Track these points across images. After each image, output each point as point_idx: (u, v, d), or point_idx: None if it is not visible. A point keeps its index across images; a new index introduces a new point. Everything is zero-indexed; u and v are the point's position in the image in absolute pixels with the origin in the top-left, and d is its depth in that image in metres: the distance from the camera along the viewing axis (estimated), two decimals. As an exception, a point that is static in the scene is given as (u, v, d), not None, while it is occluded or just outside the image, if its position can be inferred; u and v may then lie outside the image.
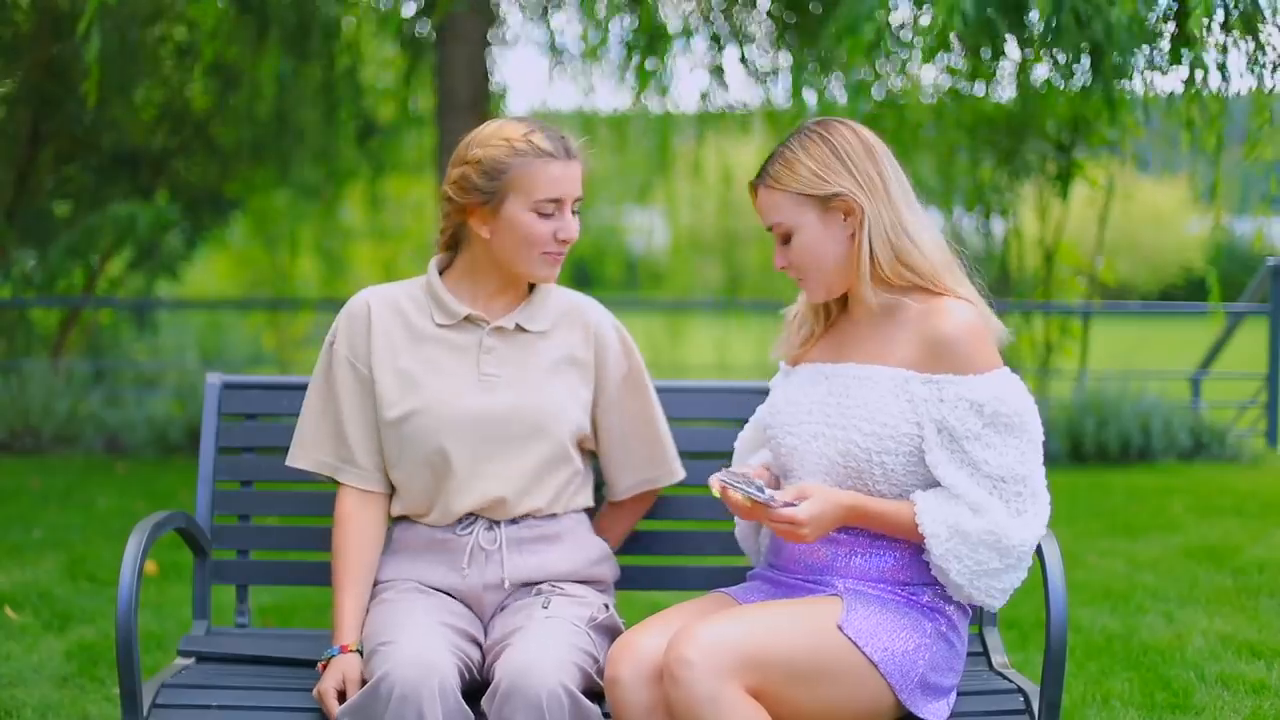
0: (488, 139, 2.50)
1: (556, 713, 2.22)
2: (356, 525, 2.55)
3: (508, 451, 2.51)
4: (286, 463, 2.63)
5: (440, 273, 2.61)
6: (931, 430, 2.31)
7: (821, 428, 2.37)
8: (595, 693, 2.36)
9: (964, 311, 2.35)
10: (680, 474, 2.73)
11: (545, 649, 2.30)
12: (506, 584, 2.52)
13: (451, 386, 2.52)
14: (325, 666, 2.44)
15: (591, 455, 2.70)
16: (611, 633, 2.50)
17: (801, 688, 2.21)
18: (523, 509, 2.53)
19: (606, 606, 2.52)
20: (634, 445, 2.67)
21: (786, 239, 2.41)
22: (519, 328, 2.57)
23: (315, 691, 2.39)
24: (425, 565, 2.54)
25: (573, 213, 2.52)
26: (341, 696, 2.37)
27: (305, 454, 2.60)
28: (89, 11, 5.27)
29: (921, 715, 2.30)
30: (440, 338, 2.56)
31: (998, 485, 2.29)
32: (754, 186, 2.45)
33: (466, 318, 2.56)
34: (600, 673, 2.39)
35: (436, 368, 2.54)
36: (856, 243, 2.38)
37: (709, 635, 2.17)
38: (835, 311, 2.51)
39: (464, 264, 2.59)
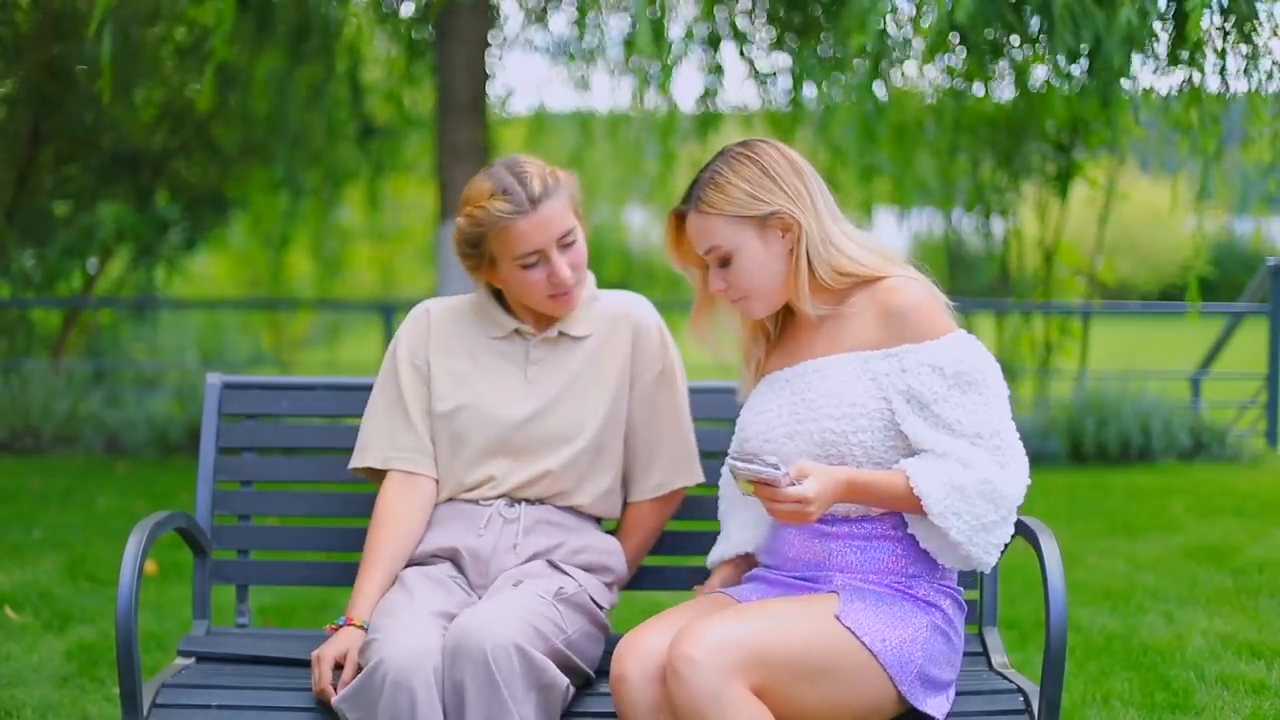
0: (464, 203, 2.60)
1: (505, 667, 2.22)
2: (393, 513, 2.60)
3: (548, 451, 2.60)
4: (350, 466, 2.68)
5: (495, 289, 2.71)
6: (900, 401, 2.33)
7: (794, 426, 2.38)
8: (568, 666, 2.36)
9: (912, 284, 2.38)
10: (699, 477, 2.74)
11: (494, 611, 2.32)
12: (518, 547, 2.55)
13: (498, 392, 2.62)
14: (333, 631, 2.48)
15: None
16: (582, 610, 2.50)
17: (805, 684, 2.21)
18: (552, 489, 2.60)
19: (580, 585, 2.53)
20: (658, 444, 2.70)
21: (725, 262, 2.41)
22: (563, 334, 2.65)
23: (315, 654, 2.42)
24: (442, 531, 2.60)
25: (563, 247, 2.56)
26: (338, 668, 2.41)
27: (369, 453, 2.66)
28: (99, 11, 5.27)
29: (922, 709, 2.30)
30: (492, 348, 2.67)
31: (975, 441, 2.31)
32: (679, 214, 2.45)
33: (515, 330, 2.66)
34: (569, 644, 2.40)
35: (487, 373, 2.64)
36: (795, 257, 2.40)
37: (713, 633, 2.17)
38: (774, 327, 2.54)
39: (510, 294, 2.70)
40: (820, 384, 2.38)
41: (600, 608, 2.56)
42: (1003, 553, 2.36)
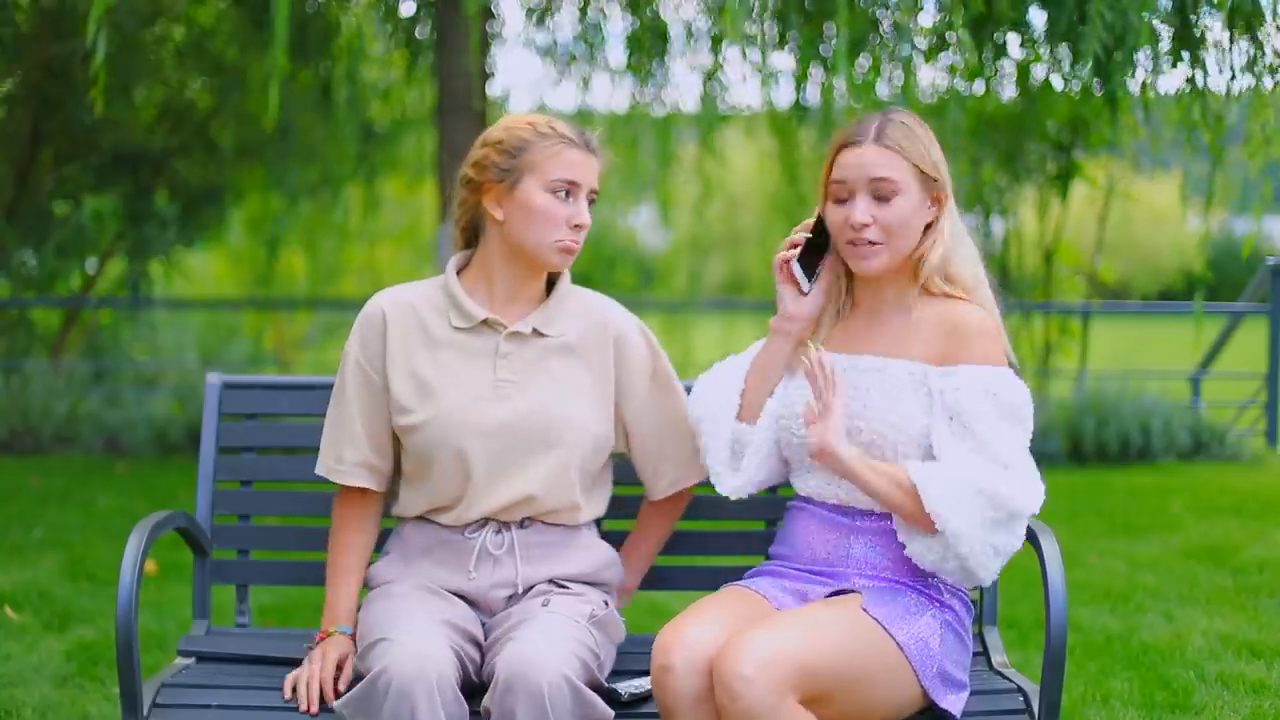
0: (511, 123, 2.53)
1: (559, 702, 2.22)
2: (351, 528, 2.60)
3: (524, 459, 2.51)
4: (315, 471, 2.63)
5: (458, 272, 2.60)
6: (941, 420, 2.36)
7: (848, 421, 2.40)
8: (596, 687, 2.35)
9: (985, 315, 2.44)
10: (705, 473, 2.67)
11: (547, 641, 2.30)
12: (520, 587, 2.52)
13: (467, 394, 2.51)
14: (321, 652, 2.47)
15: (613, 459, 2.67)
16: (611, 629, 2.50)
17: (844, 689, 2.24)
18: (538, 510, 2.53)
19: (606, 603, 2.52)
20: (667, 444, 2.64)
21: (887, 198, 2.40)
22: (536, 332, 2.55)
23: (300, 678, 2.42)
24: (432, 565, 2.54)
25: (589, 201, 2.53)
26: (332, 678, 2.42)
27: (320, 460, 2.62)
28: (95, 14, 5.20)
29: (942, 704, 2.32)
30: (457, 342, 2.54)
31: (995, 461, 2.34)
32: (853, 142, 2.43)
33: (484, 321, 2.54)
34: (601, 668, 2.39)
35: (452, 374, 2.53)
36: (935, 231, 2.44)
37: (763, 649, 2.18)
38: (845, 306, 2.55)
39: (481, 261, 2.57)
40: (879, 385, 2.41)
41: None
42: (1001, 566, 2.36)
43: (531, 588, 2.53)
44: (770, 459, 2.53)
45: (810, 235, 2.50)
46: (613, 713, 2.31)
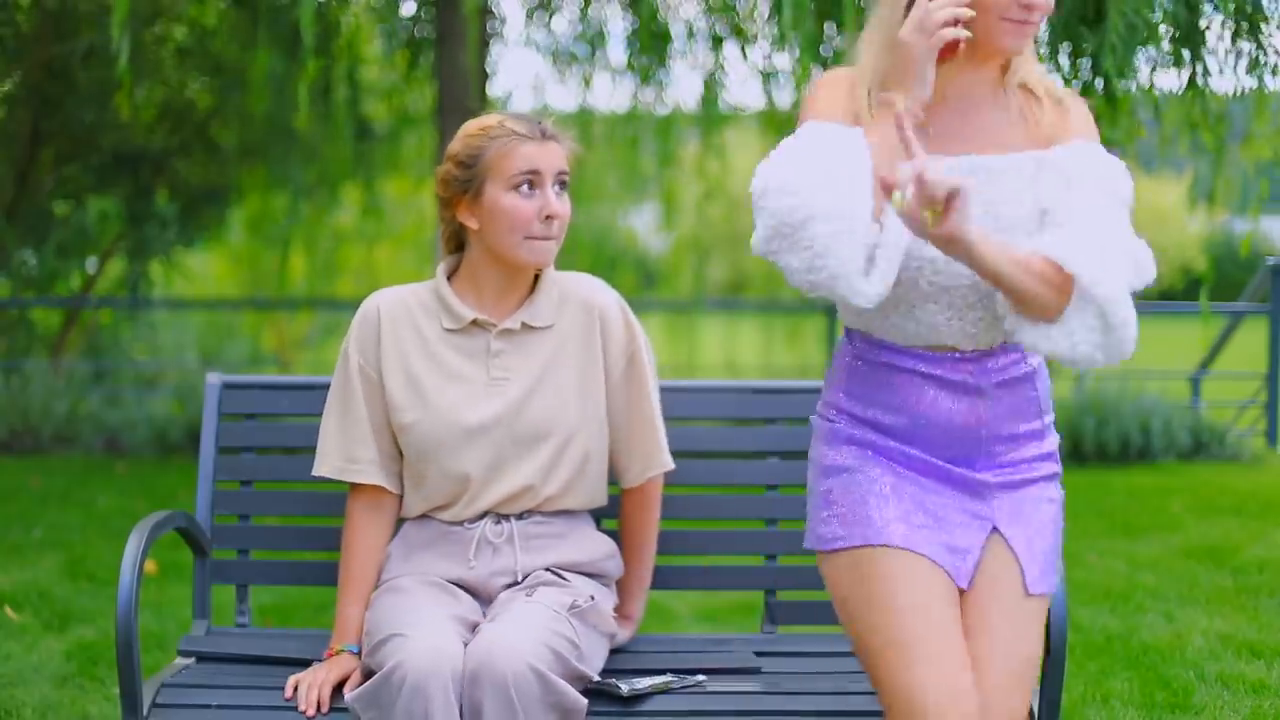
0: (467, 130, 2.54)
1: (526, 693, 2.21)
2: (366, 529, 2.58)
3: (521, 454, 2.52)
4: (312, 472, 2.62)
5: (449, 276, 2.61)
6: (1060, 186, 2.09)
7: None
8: (578, 679, 2.34)
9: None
10: (670, 464, 2.66)
11: (515, 631, 2.29)
12: (520, 575, 2.52)
13: (461, 394, 2.53)
14: (327, 668, 2.46)
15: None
16: (596, 620, 2.48)
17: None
18: (536, 501, 2.54)
19: (592, 597, 2.50)
20: (635, 430, 2.62)
21: None
22: (525, 326, 2.56)
23: (303, 681, 2.41)
24: (434, 558, 2.55)
25: (557, 189, 2.51)
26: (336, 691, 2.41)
27: (326, 461, 2.61)
28: (118, 18, 5.18)
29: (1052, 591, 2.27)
30: (450, 343, 2.56)
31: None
32: None
33: (474, 322, 2.55)
34: (581, 659, 2.37)
35: (446, 374, 2.54)
36: None
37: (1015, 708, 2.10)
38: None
39: (468, 266, 2.59)
40: (983, 186, 2.09)
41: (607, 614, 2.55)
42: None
43: (530, 575, 2.54)
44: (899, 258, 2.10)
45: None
46: (585, 702, 2.29)
